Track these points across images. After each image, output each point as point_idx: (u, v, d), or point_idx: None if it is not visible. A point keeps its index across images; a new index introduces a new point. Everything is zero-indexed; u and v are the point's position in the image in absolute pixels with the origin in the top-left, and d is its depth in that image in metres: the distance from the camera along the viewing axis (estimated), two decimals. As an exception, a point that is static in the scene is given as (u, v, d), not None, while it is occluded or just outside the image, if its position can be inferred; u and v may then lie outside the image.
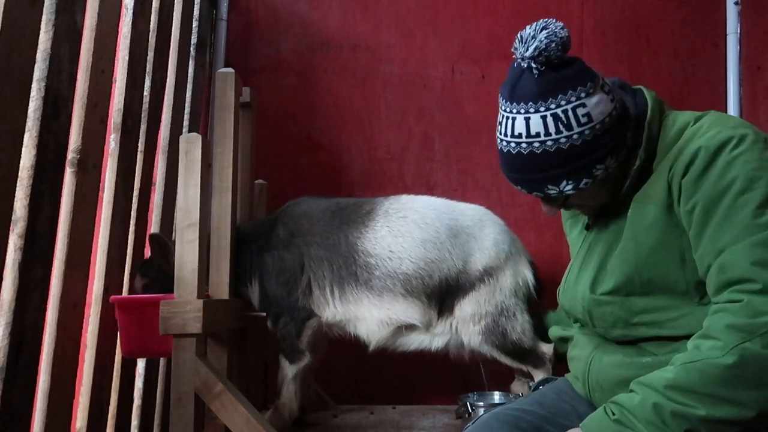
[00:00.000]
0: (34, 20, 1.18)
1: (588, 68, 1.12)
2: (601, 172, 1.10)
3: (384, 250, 1.73)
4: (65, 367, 1.38)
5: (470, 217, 1.81)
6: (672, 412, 0.92)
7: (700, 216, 1.01)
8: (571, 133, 1.07)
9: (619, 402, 0.99)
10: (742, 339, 0.89)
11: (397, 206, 1.80)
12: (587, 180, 1.10)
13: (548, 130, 1.07)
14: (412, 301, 1.71)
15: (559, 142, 1.07)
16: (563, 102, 1.07)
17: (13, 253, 1.17)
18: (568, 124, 1.07)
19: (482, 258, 1.74)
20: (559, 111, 1.07)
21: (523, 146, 1.10)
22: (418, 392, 2.25)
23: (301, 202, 1.89)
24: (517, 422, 1.15)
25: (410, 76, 2.44)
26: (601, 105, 1.08)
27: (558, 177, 1.10)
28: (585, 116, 1.07)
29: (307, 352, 1.76)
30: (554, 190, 1.12)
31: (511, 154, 1.13)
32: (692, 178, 1.02)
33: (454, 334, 1.75)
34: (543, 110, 1.08)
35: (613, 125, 1.10)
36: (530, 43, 1.07)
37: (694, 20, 2.44)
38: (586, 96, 1.08)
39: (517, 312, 1.72)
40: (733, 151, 1.00)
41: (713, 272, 0.98)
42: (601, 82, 1.11)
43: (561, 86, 1.07)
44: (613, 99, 1.11)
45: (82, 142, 1.42)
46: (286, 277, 1.75)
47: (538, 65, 1.08)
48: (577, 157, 1.08)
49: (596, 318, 1.18)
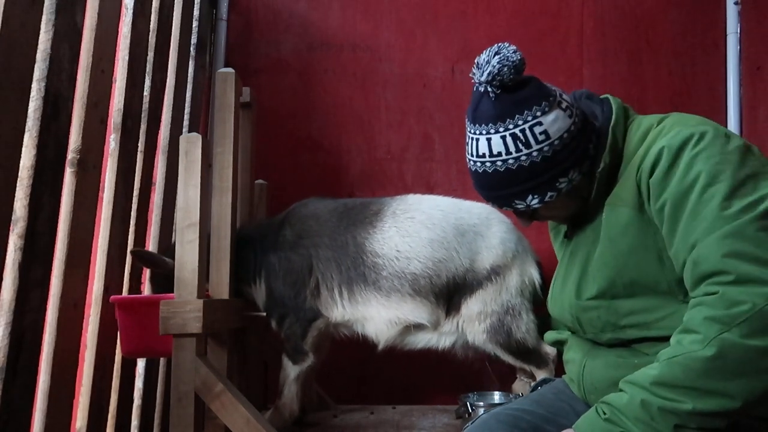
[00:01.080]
0: (34, 20, 1.18)
1: (544, 86, 1.17)
2: (565, 185, 1.15)
3: (392, 250, 1.73)
4: (65, 367, 1.38)
5: (477, 216, 1.81)
6: (659, 408, 0.93)
7: (670, 213, 1.03)
8: (530, 150, 1.12)
9: (609, 401, 1.01)
10: (721, 330, 0.90)
11: (405, 207, 1.80)
12: (552, 193, 1.15)
13: (508, 149, 1.13)
14: (420, 301, 1.72)
15: (520, 160, 1.13)
16: (520, 122, 1.12)
17: (13, 253, 1.17)
18: (526, 142, 1.12)
19: (489, 256, 1.74)
20: (517, 131, 1.12)
21: (487, 165, 1.16)
22: (418, 392, 2.26)
23: (307, 203, 1.89)
24: (516, 422, 1.16)
25: (410, 76, 2.44)
26: (558, 122, 1.13)
27: (523, 192, 1.15)
28: (542, 134, 1.12)
29: (310, 353, 1.76)
30: (521, 204, 1.17)
31: (478, 173, 1.19)
32: (659, 177, 1.05)
33: (460, 332, 1.75)
34: (502, 131, 1.13)
35: (573, 139, 1.14)
36: (485, 68, 1.13)
37: (694, 20, 2.44)
38: (542, 114, 1.13)
39: (523, 311, 1.73)
40: (695, 147, 1.03)
41: (688, 267, 1.00)
42: (558, 99, 1.15)
43: (517, 107, 1.13)
44: (572, 114, 1.15)
45: (82, 142, 1.42)
46: (294, 277, 1.75)
47: (493, 89, 1.14)
48: (539, 173, 1.13)
49: (585, 324, 1.19)
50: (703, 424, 0.92)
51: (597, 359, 1.17)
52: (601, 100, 1.23)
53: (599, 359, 1.17)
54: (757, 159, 1.03)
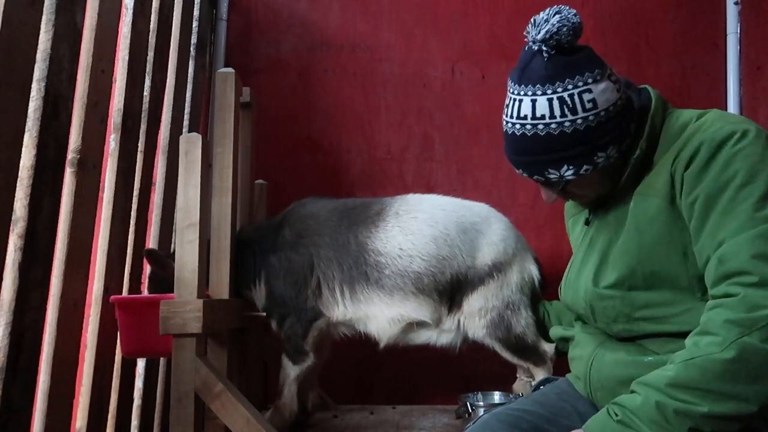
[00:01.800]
0: (34, 20, 1.18)
1: (598, 57, 1.14)
2: (603, 160, 1.12)
3: (395, 248, 1.73)
4: (65, 367, 1.38)
5: (477, 213, 1.82)
6: (675, 410, 0.92)
7: (702, 208, 1.01)
8: (575, 117, 1.09)
9: (621, 403, 0.99)
10: (741, 333, 0.89)
11: (406, 207, 1.80)
12: (588, 167, 1.12)
13: (553, 112, 1.09)
14: (424, 299, 1.72)
15: (563, 126, 1.09)
16: (570, 86, 1.09)
17: (13, 253, 1.17)
18: (573, 108, 1.08)
19: (490, 253, 1.75)
20: (565, 95, 1.09)
21: (527, 128, 1.12)
22: (418, 392, 2.25)
23: (306, 203, 1.89)
24: (518, 422, 1.15)
25: (410, 76, 2.44)
26: (607, 92, 1.10)
27: (559, 161, 1.12)
28: (590, 102, 1.09)
29: (311, 353, 1.76)
30: (555, 174, 1.14)
31: (516, 135, 1.14)
32: (695, 171, 1.03)
33: (461, 329, 1.75)
34: (550, 93, 1.10)
35: (618, 114, 1.11)
36: (542, 26, 1.10)
37: (694, 20, 2.44)
38: (593, 82, 1.10)
39: (522, 307, 1.73)
40: (736, 145, 1.01)
41: (712, 264, 0.98)
42: (608, 72, 1.13)
43: (569, 71, 1.10)
44: (620, 89, 1.13)
45: (82, 142, 1.42)
46: (295, 277, 1.75)
47: (548, 48, 1.10)
48: (580, 142, 1.10)
49: (598, 312, 1.18)
50: (717, 428, 0.91)
51: (605, 356, 1.16)
52: (639, 90, 1.22)
53: (608, 356, 1.16)
54: None
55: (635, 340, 1.15)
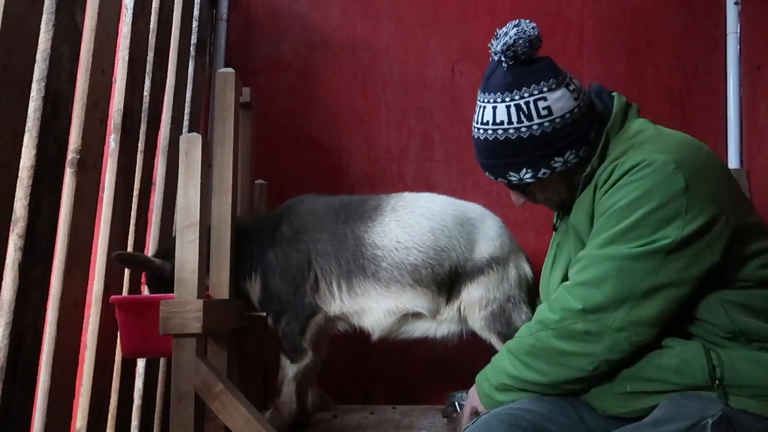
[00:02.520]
0: (34, 20, 1.18)
1: (556, 67, 1.20)
2: (560, 165, 1.19)
3: (391, 241, 1.73)
4: (65, 367, 1.38)
5: (472, 211, 1.84)
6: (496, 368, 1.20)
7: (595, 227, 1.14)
8: (531, 123, 1.16)
9: None
10: (540, 329, 1.14)
11: (404, 203, 1.81)
12: (545, 170, 1.19)
13: (511, 118, 1.17)
14: (421, 291, 1.72)
15: (520, 131, 1.17)
16: (526, 94, 1.16)
17: (13, 253, 1.17)
18: (528, 114, 1.16)
19: (487, 247, 1.75)
20: (521, 102, 1.16)
21: (489, 133, 1.20)
22: (418, 392, 2.25)
23: (304, 200, 1.89)
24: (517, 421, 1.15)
25: (410, 76, 2.44)
26: (562, 101, 1.17)
27: (518, 164, 1.20)
28: (545, 109, 1.16)
29: (309, 350, 1.76)
30: (515, 177, 1.22)
31: (480, 140, 1.23)
32: (602, 193, 1.13)
33: (459, 319, 1.76)
34: (508, 100, 1.17)
35: (574, 122, 1.17)
36: (501, 39, 1.18)
37: (694, 20, 2.44)
38: (548, 90, 1.16)
39: (522, 302, 1.74)
40: (637, 173, 1.07)
41: None
42: (566, 81, 1.19)
43: (526, 80, 1.17)
44: (578, 98, 1.19)
45: (82, 142, 1.42)
46: (293, 274, 1.75)
47: (507, 59, 1.18)
48: (536, 147, 1.17)
49: None
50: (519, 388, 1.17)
51: None
52: (609, 95, 1.26)
53: None
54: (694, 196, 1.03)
55: None
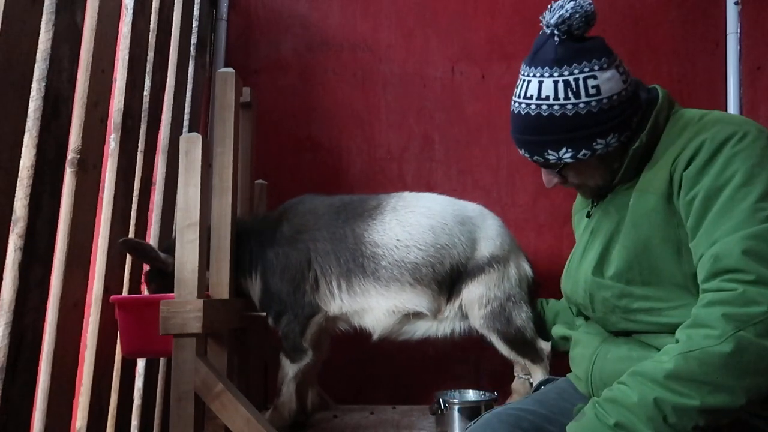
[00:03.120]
0: (34, 20, 1.18)
1: (608, 47, 1.17)
2: (601, 147, 1.15)
3: (391, 239, 1.73)
4: (65, 367, 1.38)
5: (472, 210, 1.84)
6: (673, 407, 0.92)
7: (699, 207, 1.03)
8: (578, 101, 1.13)
9: (614, 399, 0.98)
10: (737, 328, 0.91)
11: (404, 202, 1.82)
12: (586, 152, 1.15)
13: (557, 94, 1.13)
14: (421, 290, 1.72)
15: (565, 108, 1.13)
16: (576, 71, 1.13)
17: (13, 253, 1.17)
18: (576, 92, 1.12)
19: (488, 246, 1.76)
20: (570, 78, 1.13)
21: (532, 107, 1.16)
22: (418, 392, 2.25)
23: (304, 200, 1.89)
24: (518, 422, 1.15)
25: (410, 76, 2.43)
26: (611, 81, 1.14)
27: (559, 143, 1.15)
28: (594, 88, 1.12)
29: (309, 350, 1.76)
30: (554, 156, 1.17)
31: (521, 114, 1.18)
32: (694, 170, 1.05)
33: (460, 318, 1.75)
34: (556, 75, 1.14)
35: (621, 104, 1.14)
36: (556, 11, 1.14)
37: (694, 20, 2.44)
38: (599, 69, 1.13)
39: (522, 301, 1.74)
40: (736, 146, 1.03)
41: (705, 260, 1.00)
42: (617, 62, 1.16)
43: (577, 56, 1.13)
44: (626, 81, 1.16)
45: (82, 142, 1.42)
46: (293, 273, 1.75)
47: (560, 33, 1.14)
48: (580, 126, 1.13)
49: (597, 302, 1.19)
50: (706, 422, 0.92)
51: (608, 354, 1.17)
52: (648, 89, 1.25)
53: (611, 353, 1.16)
54: None
55: (632, 334, 1.16)
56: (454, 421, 1.66)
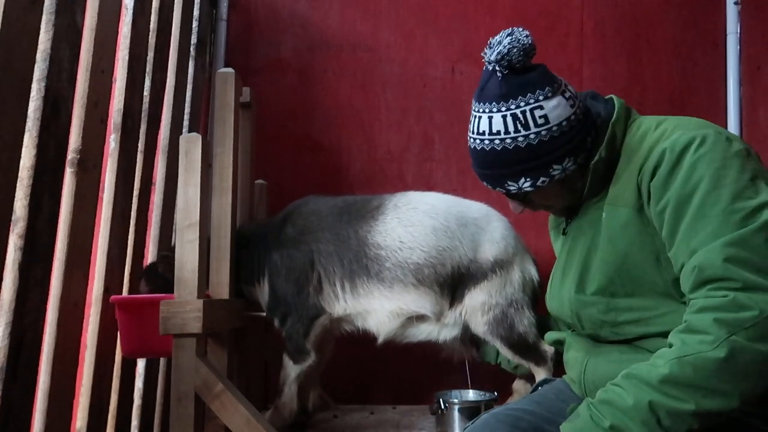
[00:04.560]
0: (34, 20, 1.18)
1: (551, 74, 1.19)
2: (558, 172, 1.17)
3: (394, 241, 1.73)
4: (65, 367, 1.38)
5: (477, 211, 1.83)
6: (668, 411, 0.93)
7: (672, 216, 1.04)
8: (528, 132, 1.15)
9: (609, 401, 0.98)
10: (730, 333, 0.92)
11: (406, 201, 1.81)
12: (544, 179, 1.17)
13: (507, 128, 1.16)
14: (424, 291, 1.72)
15: (517, 141, 1.15)
16: (522, 103, 1.15)
17: (13, 253, 1.17)
18: (525, 124, 1.15)
19: (492, 249, 1.75)
20: (518, 111, 1.15)
21: (486, 143, 1.19)
22: (418, 392, 2.25)
23: (308, 201, 1.90)
24: (516, 422, 1.16)
25: (410, 76, 2.44)
26: (559, 108, 1.15)
27: (516, 174, 1.18)
28: (542, 118, 1.14)
29: (312, 352, 1.76)
30: (514, 186, 1.19)
31: (477, 150, 1.21)
32: (660, 180, 1.06)
33: (463, 324, 1.75)
34: (504, 110, 1.16)
35: (571, 129, 1.16)
36: (495, 48, 1.16)
37: (694, 20, 2.44)
38: (544, 99, 1.15)
39: (525, 306, 1.74)
40: (697, 151, 1.04)
41: (688, 271, 1.00)
42: (562, 88, 1.18)
43: (522, 89, 1.16)
44: (574, 105, 1.17)
45: (82, 142, 1.42)
46: (297, 274, 1.75)
47: (501, 69, 1.16)
48: (534, 156, 1.15)
49: (584, 320, 1.19)
50: (701, 425, 0.93)
51: (599, 357, 1.17)
52: (605, 100, 1.25)
53: (601, 357, 1.17)
54: (755, 162, 1.04)
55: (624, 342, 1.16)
56: (454, 421, 1.66)
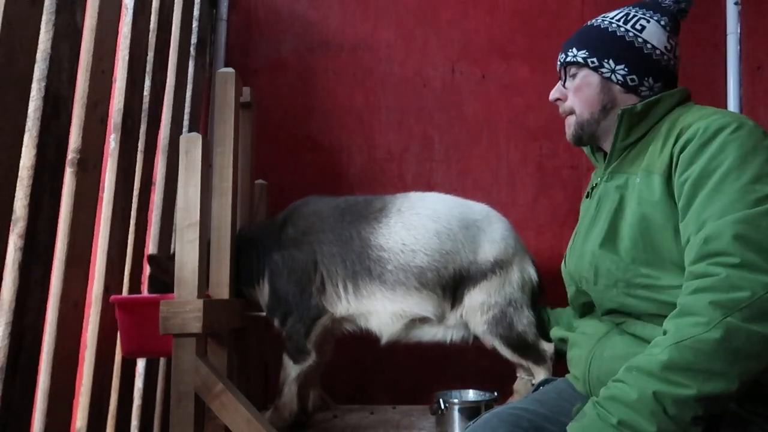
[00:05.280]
0: (34, 20, 1.18)
1: (678, 28, 1.30)
2: (607, 71, 1.26)
3: (397, 243, 1.73)
4: (65, 367, 1.38)
5: (478, 212, 1.83)
6: (673, 399, 0.92)
7: (690, 188, 1.06)
8: (619, 23, 1.28)
9: (614, 397, 0.97)
10: (724, 314, 0.92)
11: (409, 204, 1.81)
12: (594, 63, 1.27)
13: (615, 16, 1.30)
14: (427, 294, 1.72)
15: (610, 24, 1.29)
16: (640, 13, 1.29)
17: (13, 253, 1.17)
18: (626, 20, 1.28)
19: (492, 250, 1.75)
20: (632, 12, 1.29)
21: (592, 20, 1.35)
22: (418, 392, 2.25)
23: (308, 202, 1.89)
24: (518, 421, 1.15)
25: (410, 76, 2.44)
26: (656, 37, 1.26)
27: (583, 44, 1.30)
28: (640, 25, 1.26)
29: (313, 352, 1.76)
30: (572, 53, 1.30)
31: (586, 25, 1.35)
32: (690, 152, 1.09)
33: (463, 324, 1.75)
34: (628, 9, 1.31)
35: (646, 56, 1.25)
36: None
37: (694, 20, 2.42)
38: (656, 21, 1.27)
39: (524, 305, 1.74)
40: (732, 134, 1.07)
41: (694, 242, 1.01)
42: (673, 39, 1.28)
43: (656, 8, 1.29)
44: (669, 49, 1.27)
45: (82, 142, 1.42)
46: (299, 275, 1.75)
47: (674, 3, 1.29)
48: (604, 39, 1.27)
49: (601, 274, 1.20)
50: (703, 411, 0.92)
51: (605, 352, 1.17)
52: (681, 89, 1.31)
53: (607, 352, 1.17)
54: None
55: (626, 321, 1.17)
56: (454, 421, 1.66)
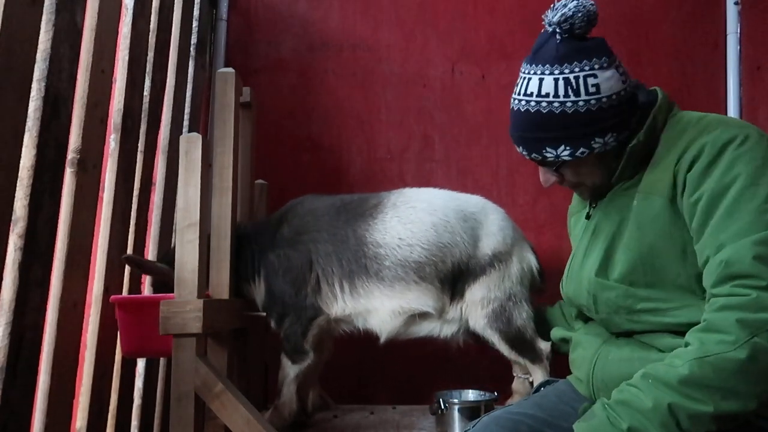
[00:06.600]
0: (34, 20, 1.18)
1: (608, 48, 1.18)
2: (599, 146, 1.16)
3: (393, 239, 1.73)
4: (65, 367, 1.38)
5: (474, 205, 1.83)
6: (688, 414, 0.92)
7: (704, 208, 1.03)
8: (578, 99, 1.13)
9: (627, 402, 0.97)
10: (752, 334, 0.91)
11: (404, 198, 1.81)
12: (584, 150, 1.15)
13: (557, 92, 1.14)
14: (426, 288, 1.72)
15: (565, 106, 1.13)
16: (576, 69, 1.14)
17: (13, 253, 1.17)
18: (576, 90, 1.13)
19: (490, 243, 1.75)
20: (571, 76, 1.14)
21: (531, 104, 1.16)
22: (418, 392, 2.25)
23: (304, 201, 1.89)
24: (517, 426, 1.15)
25: (410, 76, 2.43)
26: (611, 81, 1.14)
27: (557, 140, 1.16)
28: (594, 87, 1.13)
29: (310, 352, 1.75)
30: (551, 153, 1.17)
31: (520, 111, 1.18)
32: (698, 171, 1.06)
33: (463, 319, 1.75)
34: (557, 73, 1.14)
35: (620, 104, 1.15)
36: (559, 10, 1.15)
37: (694, 20, 2.44)
38: (599, 69, 1.14)
39: (523, 300, 1.74)
40: (739, 148, 1.04)
41: (714, 265, 1.00)
42: (617, 63, 1.17)
43: (578, 54, 1.14)
44: (625, 81, 1.17)
45: (82, 142, 1.42)
46: (294, 275, 1.75)
47: (561, 32, 1.15)
48: (579, 124, 1.14)
49: (600, 303, 1.18)
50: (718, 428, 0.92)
51: (610, 355, 1.16)
52: (648, 90, 1.25)
53: (612, 354, 1.16)
54: None
55: (634, 335, 1.16)
56: (454, 421, 1.66)
